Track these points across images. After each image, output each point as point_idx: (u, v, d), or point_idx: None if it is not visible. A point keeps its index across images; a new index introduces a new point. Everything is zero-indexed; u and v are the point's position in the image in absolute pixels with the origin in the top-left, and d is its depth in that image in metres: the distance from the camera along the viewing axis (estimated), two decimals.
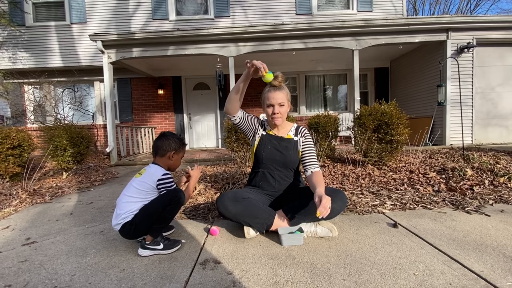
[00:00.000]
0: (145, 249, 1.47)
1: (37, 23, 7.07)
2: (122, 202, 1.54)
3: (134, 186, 1.55)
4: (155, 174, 1.56)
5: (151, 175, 1.56)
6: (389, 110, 3.29)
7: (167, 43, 5.47)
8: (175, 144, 1.67)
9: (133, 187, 1.55)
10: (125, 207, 1.52)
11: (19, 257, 1.52)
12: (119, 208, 1.54)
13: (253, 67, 1.47)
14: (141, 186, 1.54)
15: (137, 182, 1.56)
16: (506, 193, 2.35)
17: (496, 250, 1.39)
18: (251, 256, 1.41)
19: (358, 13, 7.17)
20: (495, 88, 5.70)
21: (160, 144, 1.65)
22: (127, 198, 1.54)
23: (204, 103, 7.67)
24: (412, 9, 19.06)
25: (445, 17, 5.42)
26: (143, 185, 1.54)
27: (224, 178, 2.93)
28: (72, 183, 3.50)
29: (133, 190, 1.54)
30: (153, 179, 1.55)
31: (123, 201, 1.54)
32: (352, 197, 2.38)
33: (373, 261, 1.32)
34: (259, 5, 7.22)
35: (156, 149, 1.66)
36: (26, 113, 7.01)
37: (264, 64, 1.46)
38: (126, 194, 1.56)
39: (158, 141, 1.67)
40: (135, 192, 1.54)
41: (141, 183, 1.55)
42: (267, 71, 1.49)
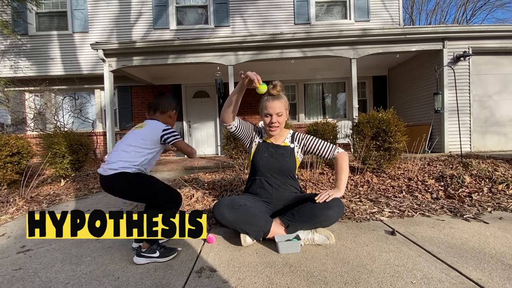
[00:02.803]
0: (141, 257, 1.46)
1: (40, 32, 7.18)
2: (121, 150, 1.51)
3: (137, 135, 1.54)
4: (158, 127, 1.59)
5: (154, 127, 1.59)
6: (387, 118, 3.31)
7: (167, 52, 5.55)
8: (175, 103, 1.73)
9: (137, 136, 1.54)
10: (126, 156, 1.49)
11: (14, 265, 1.50)
12: (118, 156, 1.49)
13: (247, 78, 1.48)
14: (144, 136, 1.54)
15: (139, 132, 1.56)
16: (504, 200, 2.35)
17: (494, 258, 1.37)
18: (248, 264, 1.40)
19: (355, 22, 7.29)
20: (493, 96, 5.75)
21: (162, 102, 1.68)
22: (128, 147, 1.51)
23: (203, 110, 7.72)
24: (409, 19, 19.40)
25: (441, 27, 5.52)
26: (146, 135, 1.55)
27: (222, 185, 2.93)
28: (70, 191, 3.49)
29: (137, 139, 1.53)
30: (157, 130, 1.57)
31: (122, 149, 1.51)
32: (351, 205, 2.37)
33: (370, 269, 1.30)
34: (258, 15, 7.35)
35: (156, 106, 1.68)
36: (26, 120, 7.03)
37: (258, 76, 1.47)
38: (129, 144, 1.52)
39: (159, 99, 1.70)
40: (139, 141, 1.52)
41: (145, 134, 1.55)
42: (260, 82, 1.49)
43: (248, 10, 7.31)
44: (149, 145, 1.55)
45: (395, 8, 7.39)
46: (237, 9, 7.30)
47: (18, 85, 6.79)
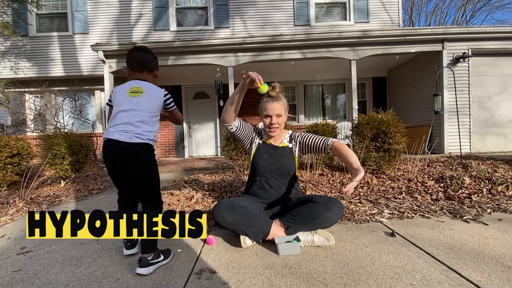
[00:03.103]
0: (149, 265, 1.35)
1: (40, 34, 7.19)
2: (137, 116, 1.37)
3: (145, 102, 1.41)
4: (158, 91, 1.47)
5: (155, 91, 1.46)
6: (387, 119, 3.31)
7: (167, 53, 5.56)
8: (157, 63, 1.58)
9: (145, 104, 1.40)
10: (141, 125, 1.37)
11: (14, 266, 1.51)
12: (130, 122, 1.36)
13: (249, 78, 1.49)
14: (150, 104, 1.42)
15: (145, 100, 1.41)
16: (504, 201, 2.35)
17: (494, 260, 1.38)
18: (247, 266, 1.40)
19: (355, 24, 7.31)
20: (492, 97, 5.76)
21: (148, 58, 1.51)
22: (139, 115, 1.38)
23: (203, 111, 7.72)
24: (408, 20, 19.43)
25: (440, 28, 5.54)
26: (151, 102, 1.43)
27: (222, 187, 2.93)
28: (70, 192, 3.49)
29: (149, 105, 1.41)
30: (159, 94, 1.46)
31: (135, 119, 1.37)
32: (350, 206, 2.37)
33: (370, 271, 1.31)
34: (258, 16, 7.37)
35: (143, 63, 1.49)
36: (26, 121, 7.04)
37: (259, 76, 1.48)
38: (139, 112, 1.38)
39: (145, 54, 1.50)
40: (150, 109, 1.41)
41: (149, 101, 1.42)
42: (262, 82, 1.50)
43: (248, 11, 7.33)
44: (156, 112, 1.45)
45: (395, 10, 7.41)
46: (237, 11, 7.32)
47: (18, 86, 6.80)
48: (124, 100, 1.42)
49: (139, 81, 1.47)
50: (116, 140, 1.35)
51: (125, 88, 1.44)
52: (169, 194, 2.88)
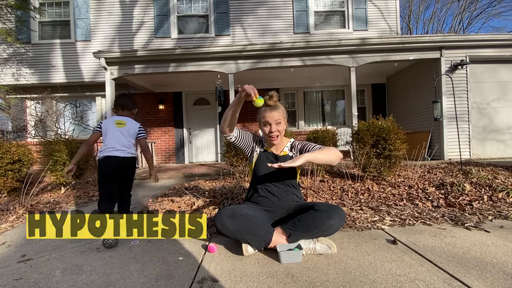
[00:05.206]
0: None
1: (43, 41, 7.27)
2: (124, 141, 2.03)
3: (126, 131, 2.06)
4: (135, 124, 2.14)
5: (132, 125, 2.12)
6: (386, 126, 3.33)
7: (168, 60, 5.62)
8: (136, 103, 2.22)
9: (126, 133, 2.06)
10: (129, 146, 2.04)
11: (14, 274, 1.50)
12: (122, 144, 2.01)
13: (244, 92, 1.51)
14: (129, 130, 2.08)
15: (126, 128, 2.07)
16: (505, 208, 2.35)
17: (496, 267, 1.37)
18: (249, 274, 1.40)
19: (354, 31, 7.41)
20: (491, 103, 5.80)
21: (128, 102, 2.15)
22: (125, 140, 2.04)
23: (204, 118, 7.76)
24: (406, 28, 19.68)
25: (438, 36, 5.62)
26: (131, 130, 2.09)
27: (223, 193, 2.93)
28: (70, 198, 3.48)
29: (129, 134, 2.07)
30: (135, 127, 2.13)
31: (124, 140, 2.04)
32: (351, 213, 2.37)
33: (372, 279, 1.30)
34: (258, 24, 7.47)
35: (123, 105, 2.13)
36: (27, 127, 7.05)
37: (255, 89, 1.49)
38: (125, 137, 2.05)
39: (125, 98, 2.16)
40: (130, 136, 2.08)
41: (129, 129, 2.08)
42: (257, 96, 1.51)
43: (248, 19, 7.43)
44: (133, 138, 2.11)
45: (393, 17, 7.52)
46: (237, 19, 7.42)
47: (20, 93, 6.83)
48: (113, 129, 2.06)
49: (122, 117, 2.13)
50: (118, 156, 2.00)
51: (113, 120, 2.09)
52: (169, 200, 2.88)
